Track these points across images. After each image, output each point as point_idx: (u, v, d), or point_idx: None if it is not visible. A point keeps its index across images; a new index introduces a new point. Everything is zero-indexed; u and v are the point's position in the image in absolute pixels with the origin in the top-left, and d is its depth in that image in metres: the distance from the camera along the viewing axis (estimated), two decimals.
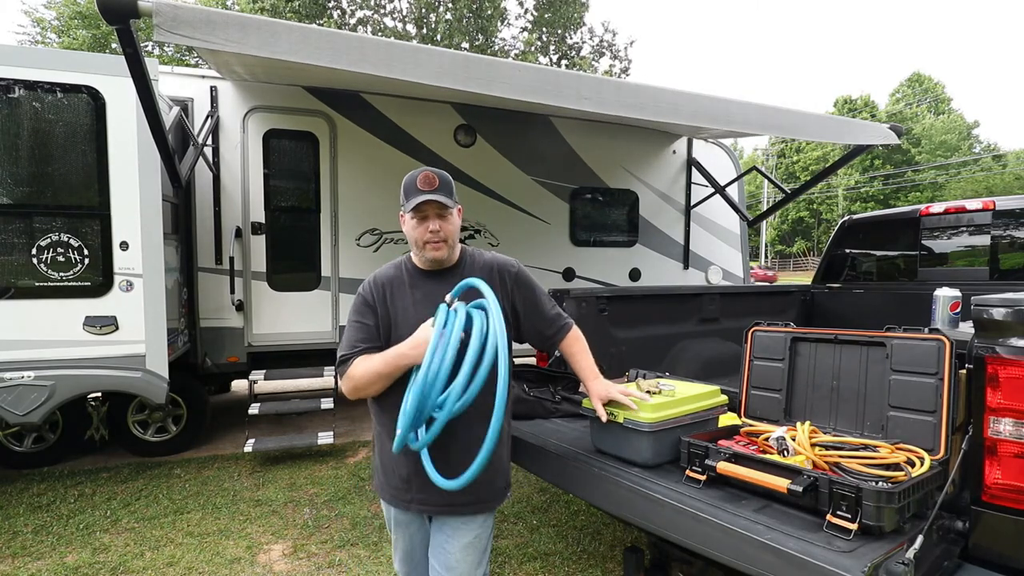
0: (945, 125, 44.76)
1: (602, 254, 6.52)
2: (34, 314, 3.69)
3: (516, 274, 1.84)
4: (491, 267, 1.81)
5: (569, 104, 3.28)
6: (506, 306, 1.78)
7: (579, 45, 18.63)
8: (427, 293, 1.73)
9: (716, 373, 3.34)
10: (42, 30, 19.57)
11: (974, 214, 3.89)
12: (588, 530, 3.39)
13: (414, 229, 1.71)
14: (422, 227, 1.70)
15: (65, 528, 3.43)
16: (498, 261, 1.85)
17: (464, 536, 1.73)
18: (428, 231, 1.69)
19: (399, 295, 1.74)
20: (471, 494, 1.67)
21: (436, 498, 1.67)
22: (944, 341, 1.72)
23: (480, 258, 1.84)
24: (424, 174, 1.70)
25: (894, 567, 1.28)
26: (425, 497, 1.70)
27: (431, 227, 1.69)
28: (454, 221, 1.74)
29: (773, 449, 1.79)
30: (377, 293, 1.74)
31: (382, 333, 1.72)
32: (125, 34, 2.67)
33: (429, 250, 1.71)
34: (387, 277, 1.78)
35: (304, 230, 5.27)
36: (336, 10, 16.39)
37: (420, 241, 1.71)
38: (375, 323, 1.72)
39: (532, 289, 1.87)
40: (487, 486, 1.73)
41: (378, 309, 1.73)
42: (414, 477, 1.68)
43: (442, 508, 1.72)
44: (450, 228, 1.72)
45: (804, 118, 4.30)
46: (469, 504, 1.72)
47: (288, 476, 4.30)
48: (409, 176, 1.73)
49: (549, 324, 1.89)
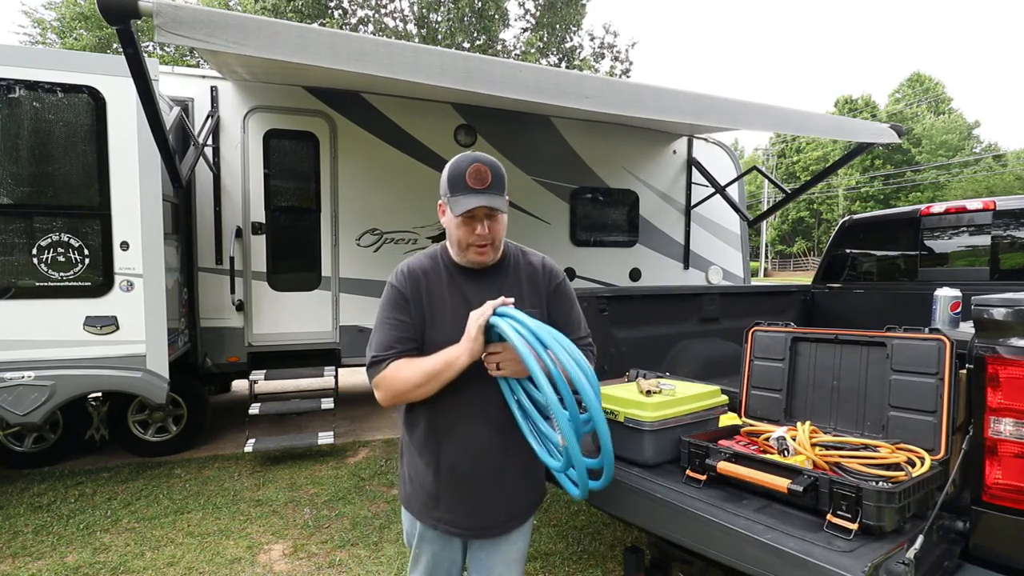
0: (946, 125, 44.71)
1: (602, 254, 6.53)
2: (35, 314, 3.69)
3: (560, 283, 1.68)
4: (537, 270, 1.65)
5: (571, 103, 3.29)
6: (540, 307, 1.63)
7: (579, 47, 18.62)
8: (467, 295, 1.54)
9: (716, 373, 3.33)
10: (43, 31, 19.57)
11: (974, 214, 3.89)
12: (588, 530, 3.39)
13: (457, 228, 1.49)
14: (467, 227, 1.48)
15: (65, 528, 3.43)
16: (547, 265, 1.68)
17: (507, 551, 1.64)
18: (475, 233, 1.48)
19: (436, 293, 1.54)
20: (503, 511, 1.58)
21: (465, 520, 1.56)
22: (944, 341, 1.72)
23: (525, 257, 1.67)
24: (475, 167, 1.44)
25: (894, 567, 1.28)
26: (454, 519, 1.56)
27: (479, 230, 1.47)
28: (503, 220, 1.53)
29: (773, 449, 1.79)
30: (412, 286, 1.53)
31: (418, 334, 1.52)
32: (126, 34, 2.67)
33: (473, 254, 1.51)
34: (423, 269, 1.56)
35: (304, 230, 5.27)
36: (337, 10, 16.39)
37: (464, 243, 1.50)
38: (411, 320, 1.51)
39: (570, 304, 1.69)
40: (519, 499, 1.62)
41: (412, 305, 1.52)
42: (444, 495, 1.55)
43: (472, 532, 1.59)
44: (499, 229, 1.52)
45: (805, 118, 4.30)
46: (500, 524, 1.60)
47: (288, 476, 4.30)
48: (456, 164, 1.47)
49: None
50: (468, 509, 1.56)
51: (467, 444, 1.53)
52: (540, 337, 1.31)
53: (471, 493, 1.56)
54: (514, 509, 1.61)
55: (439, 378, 1.44)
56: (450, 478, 1.55)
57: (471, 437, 1.53)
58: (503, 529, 1.61)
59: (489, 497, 1.57)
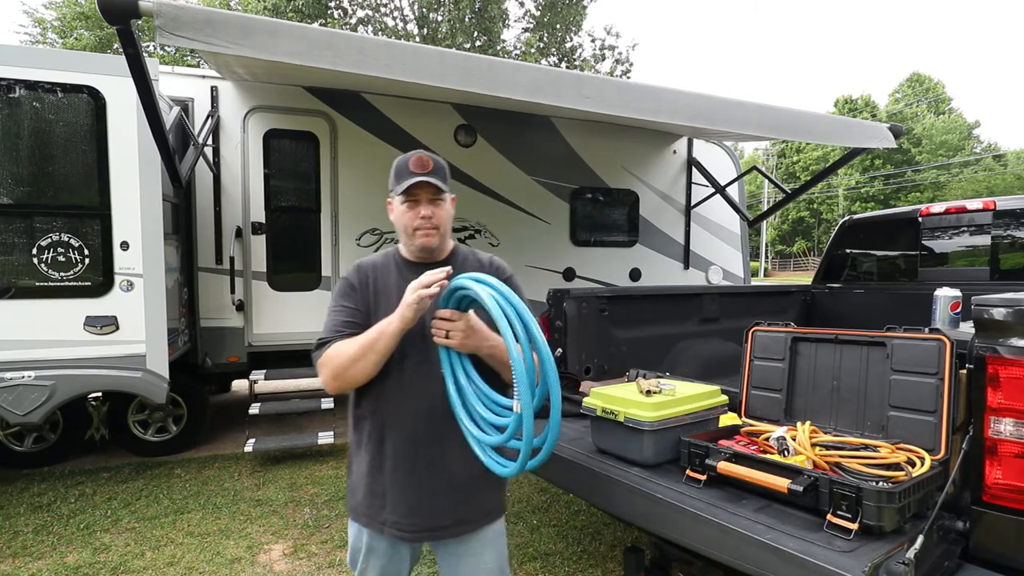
0: (946, 125, 44.71)
1: (602, 254, 6.52)
2: (35, 314, 3.69)
3: (508, 278, 1.70)
4: (485, 264, 1.72)
5: (570, 104, 3.28)
6: None
7: (579, 48, 18.61)
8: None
9: (716, 373, 3.33)
10: (43, 30, 19.57)
11: (974, 214, 3.88)
12: (588, 530, 3.39)
13: (404, 215, 1.59)
14: (413, 212, 1.58)
15: (66, 528, 3.43)
16: (494, 262, 1.75)
17: (473, 566, 1.62)
18: (420, 216, 1.57)
19: (383, 284, 1.62)
20: (449, 511, 1.58)
21: (409, 520, 1.55)
22: (944, 341, 1.71)
23: (474, 255, 1.74)
24: (417, 156, 1.57)
25: (894, 567, 1.28)
26: (398, 519, 1.55)
27: (423, 212, 1.57)
28: (447, 208, 1.62)
29: (773, 449, 1.79)
30: (360, 277, 1.63)
31: (364, 319, 1.58)
32: (126, 34, 2.67)
33: (419, 237, 1.58)
34: (373, 264, 1.67)
35: (304, 230, 5.27)
36: (337, 9, 16.38)
37: (410, 228, 1.59)
38: (357, 307, 1.59)
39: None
40: (466, 501, 1.60)
41: (359, 294, 1.61)
42: (389, 491, 1.56)
43: (420, 534, 1.58)
44: (443, 215, 1.60)
45: (804, 118, 4.30)
46: (450, 526, 1.59)
47: (288, 476, 4.30)
48: (400, 159, 1.60)
49: None
50: (412, 504, 1.56)
51: (410, 433, 1.56)
52: (511, 301, 1.33)
53: (414, 484, 1.56)
54: (462, 512, 1.60)
55: (375, 347, 1.47)
56: (394, 468, 1.56)
57: (415, 427, 1.55)
58: (453, 532, 1.60)
59: (433, 488, 1.56)
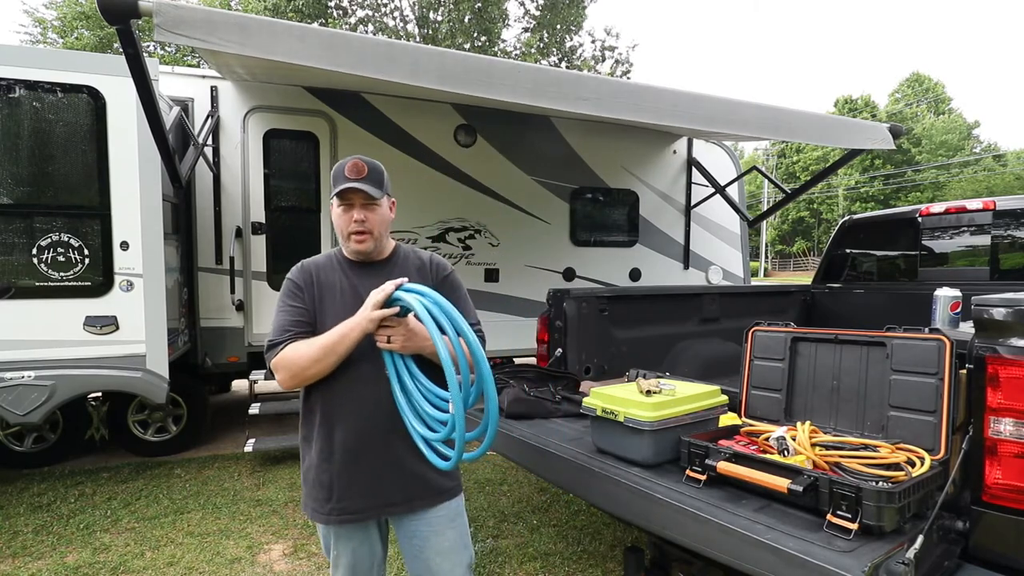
0: (946, 125, 44.69)
1: (602, 254, 6.52)
2: (34, 314, 3.69)
3: (449, 275, 1.80)
4: (425, 263, 1.78)
5: (569, 106, 3.28)
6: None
7: (579, 47, 18.60)
8: (356, 285, 1.66)
9: (716, 373, 3.34)
10: (43, 30, 19.57)
11: (974, 214, 3.88)
12: (588, 530, 3.39)
13: (339, 218, 1.65)
14: (347, 216, 1.64)
15: (65, 528, 3.43)
16: (434, 259, 1.81)
17: (435, 543, 1.68)
18: (352, 220, 1.63)
19: (327, 282, 1.68)
20: (399, 490, 1.64)
21: (361, 501, 1.62)
22: (944, 341, 1.71)
23: (415, 254, 1.80)
24: (353, 162, 1.62)
25: (894, 567, 1.28)
26: (348, 504, 1.62)
27: (355, 216, 1.62)
28: (382, 213, 1.67)
29: (773, 449, 1.79)
30: (304, 277, 1.68)
31: (311, 318, 1.65)
32: (126, 34, 2.67)
33: (353, 242, 1.65)
34: (315, 264, 1.72)
35: (304, 230, 5.27)
36: (337, 9, 16.38)
37: (345, 231, 1.65)
38: (304, 307, 1.65)
39: (458, 294, 1.77)
40: (417, 478, 1.65)
41: (305, 293, 1.66)
42: (337, 481, 1.62)
43: (373, 512, 1.65)
44: (376, 220, 1.65)
45: (803, 118, 4.29)
46: (401, 503, 1.66)
47: (288, 476, 4.30)
48: (339, 164, 1.65)
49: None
50: (362, 488, 1.62)
51: (358, 422, 1.61)
52: (442, 307, 1.43)
53: (363, 470, 1.62)
54: (412, 491, 1.66)
55: (335, 351, 1.54)
56: (342, 458, 1.61)
57: (362, 415, 1.61)
58: (407, 507, 1.67)
59: (382, 472, 1.63)
